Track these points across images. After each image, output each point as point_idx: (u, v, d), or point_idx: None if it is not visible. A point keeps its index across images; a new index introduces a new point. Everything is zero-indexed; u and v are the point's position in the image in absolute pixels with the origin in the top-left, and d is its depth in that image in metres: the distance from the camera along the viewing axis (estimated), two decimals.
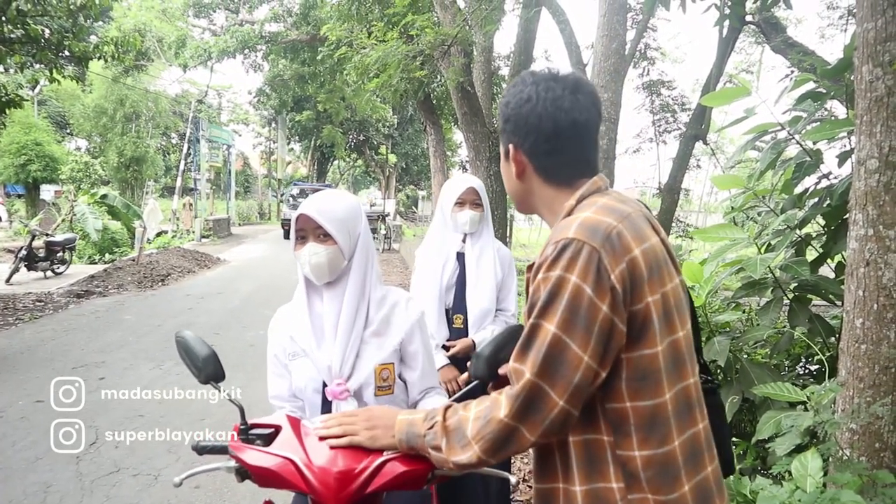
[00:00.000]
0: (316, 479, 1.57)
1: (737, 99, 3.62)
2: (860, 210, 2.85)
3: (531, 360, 1.36)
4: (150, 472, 4.44)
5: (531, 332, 1.38)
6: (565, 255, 1.36)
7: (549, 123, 1.51)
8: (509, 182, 1.62)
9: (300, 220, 2.01)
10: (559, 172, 1.55)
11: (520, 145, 1.55)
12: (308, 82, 25.64)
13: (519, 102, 1.54)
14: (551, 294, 1.36)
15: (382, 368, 2.06)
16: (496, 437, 1.39)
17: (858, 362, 2.86)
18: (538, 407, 1.36)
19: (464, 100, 9.65)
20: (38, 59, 9.30)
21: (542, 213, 1.61)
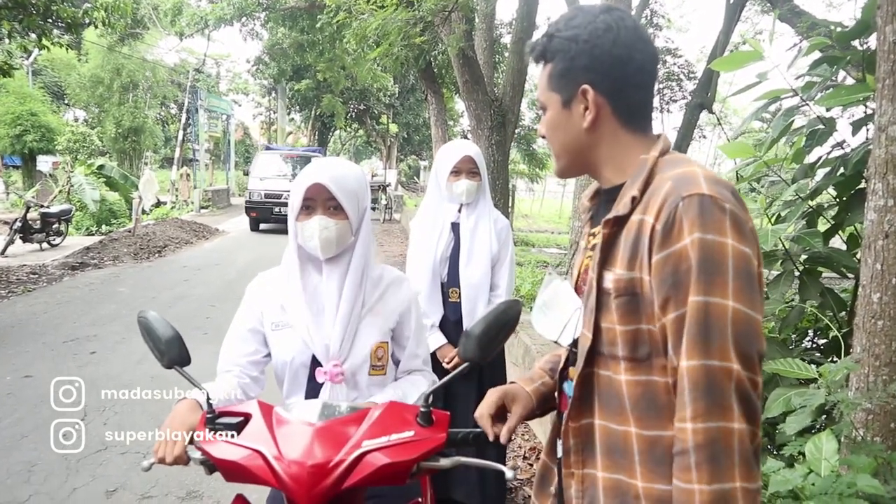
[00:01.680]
0: (286, 473, 1.42)
1: (748, 63, 3.44)
2: (880, 179, 2.69)
3: (722, 348, 1.17)
4: (139, 450, 4.34)
5: (704, 313, 1.17)
6: (709, 215, 1.19)
7: (636, 55, 1.33)
8: (570, 135, 1.40)
9: (312, 188, 1.86)
10: (639, 115, 1.38)
11: (599, 84, 1.34)
12: (307, 51, 25.26)
13: (595, 33, 1.33)
14: (709, 262, 1.18)
15: (378, 347, 1.96)
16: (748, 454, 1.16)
17: (875, 339, 2.72)
18: (752, 397, 1.18)
19: (465, 67, 9.43)
20: (26, 26, 9.05)
21: (604, 169, 1.41)
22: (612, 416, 1.33)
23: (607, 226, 1.32)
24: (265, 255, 13.38)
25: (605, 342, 1.33)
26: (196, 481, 3.95)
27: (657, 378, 1.27)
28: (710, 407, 1.15)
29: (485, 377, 3.25)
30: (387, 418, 1.53)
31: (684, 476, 1.17)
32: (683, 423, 1.17)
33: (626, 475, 1.31)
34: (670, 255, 1.20)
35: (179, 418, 1.64)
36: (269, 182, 18.17)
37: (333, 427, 1.52)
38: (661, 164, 1.32)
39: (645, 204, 1.27)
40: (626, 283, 1.27)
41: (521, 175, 28.02)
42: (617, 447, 1.33)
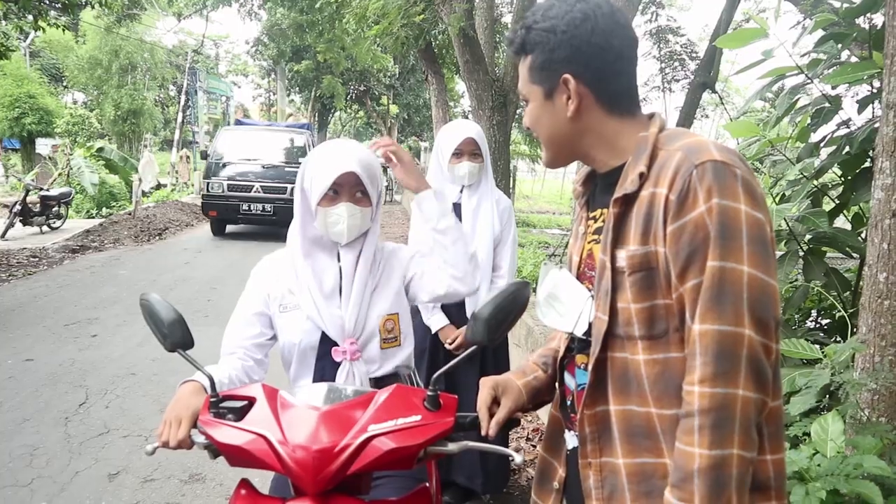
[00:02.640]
0: (291, 457, 1.40)
1: (753, 41, 3.40)
2: (887, 157, 2.66)
3: (736, 312, 1.16)
4: (141, 433, 4.34)
5: (719, 278, 1.17)
6: (722, 182, 1.19)
7: (615, 42, 1.32)
8: (554, 126, 1.40)
9: (343, 176, 1.88)
10: (623, 99, 1.36)
11: (580, 73, 1.33)
12: (307, 31, 25.12)
13: (572, 23, 1.32)
14: (725, 228, 1.18)
15: (387, 320, 1.98)
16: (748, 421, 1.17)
17: (881, 319, 2.70)
18: (764, 364, 1.18)
19: (466, 47, 9.33)
20: (22, 7, 8.97)
21: (596, 154, 1.40)
22: (630, 399, 1.32)
23: (616, 205, 1.30)
24: (266, 237, 13.36)
25: (621, 323, 1.31)
26: (198, 464, 3.94)
27: (675, 354, 1.26)
28: (719, 372, 1.15)
29: (487, 360, 3.23)
30: (393, 402, 1.51)
31: (686, 438, 1.18)
32: (692, 385, 1.18)
33: (652, 457, 1.30)
34: (687, 224, 1.20)
35: (183, 402, 1.63)
36: (235, 168, 13.55)
37: (339, 411, 1.50)
38: (663, 138, 1.31)
39: (655, 177, 1.26)
40: (641, 258, 1.27)
41: (522, 156, 27.91)
42: (639, 430, 1.31)
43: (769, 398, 1.19)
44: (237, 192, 13.23)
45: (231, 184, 13.27)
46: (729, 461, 1.14)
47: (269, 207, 13.10)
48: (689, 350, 1.20)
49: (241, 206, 13.14)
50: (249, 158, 13.75)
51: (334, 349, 1.93)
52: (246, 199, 13.17)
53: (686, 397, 1.19)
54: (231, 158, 13.76)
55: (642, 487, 1.31)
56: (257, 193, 13.16)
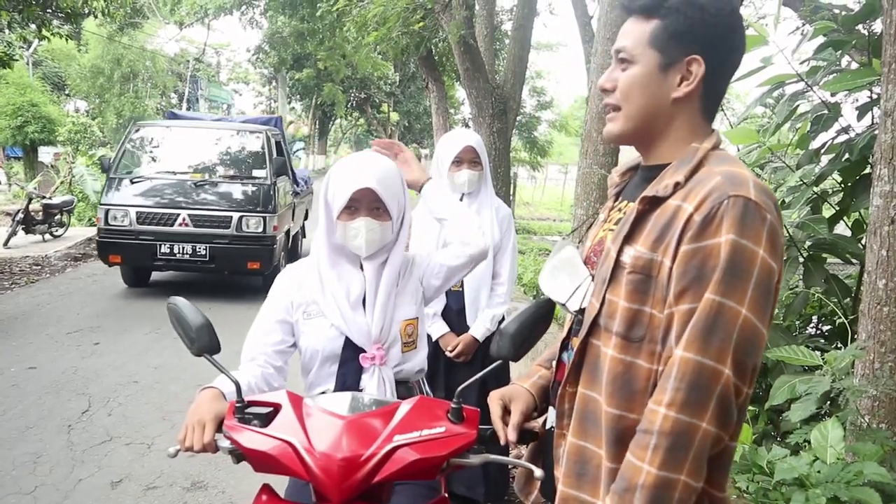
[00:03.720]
0: (317, 465, 1.41)
1: (752, 48, 3.41)
2: (885, 164, 2.67)
3: (721, 350, 1.18)
4: (144, 440, 4.34)
5: (715, 312, 1.19)
6: (749, 221, 1.19)
7: (742, 46, 1.33)
8: (654, 99, 1.34)
9: (359, 192, 1.90)
10: (718, 103, 1.37)
11: (709, 60, 1.30)
12: (307, 39, 25.13)
13: (721, 11, 1.30)
14: (737, 266, 1.19)
15: (407, 324, 2.03)
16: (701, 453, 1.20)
17: (880, 325, 2.71)
18: (732, 404, 1.21)
19: (466, 55, 9.38)
20: (25, 17, 9.02)
21: (659, 144, 1.39)
22: (591, 386, 1.37)
23: (643, 203, 1.32)
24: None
25: (605, 314, 1.35)
26: (201, 471, 3.95)
27: (642, 363, 1.29)
28: (689, 401, 1.18)
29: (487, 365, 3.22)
30: (417, 413, 1.53)
31: (639, 452, 1.21)
32: (658, 406, 1.20)
33: (593, 444, 1.35)
34: (701, 249, 1.21)
35: (205, 406, 1.64)
36: (150, 188, 8.79)
37: (364, 420, 1.52)
38: (712, 156, 1.32)
39: (687, 191, 1.27)
40: (645, 263, 1.28)
41: (522, 163, 27.93)
42: (590, 416, 1.36)
43: (727, 436, 1.21)
44: (152, 226, 8.42)
45: (142, 212, 8.47)
46: (675, 485, 1.17)
47: (204, 249, 8.34)
48: (665, 371, 1.22)
49: (159, 247, 8.37)
50: (175, 172, 8.94)
51: (362, 356, 1.96)
52: (166, 237, 8.37)
53: (649, 415, 1.21)
54: (146, 172, 9.00)
55: (577, 468, 1.37)
56: (184, 227, 8.38)
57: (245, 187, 8.74)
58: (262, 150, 9.24)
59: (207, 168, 9.16)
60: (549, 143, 27.45)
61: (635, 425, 1.26)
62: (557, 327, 4.83)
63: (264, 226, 8.42)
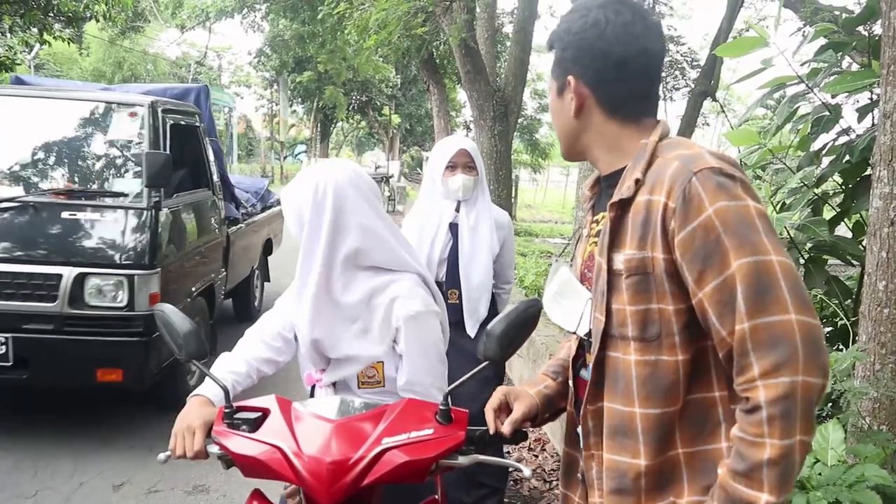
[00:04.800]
0: (306, 469, 1.42)
1: (753, 50, 3.41)
2: (885, 166, 2.67)
3: (779, 300, 1.17)
4: (146, 444, 4.34)
5: (755, 273, 1.19)
6: (723, 185, 1.23)
7: (618, 49, 1.36)
8: (563, 120, 1.46)
9: None
10: (625, 105, 1.40)
11: (582, 75, 1.40)
12: (308, 42, 25.21)
13: (583, 27, 1.38)
14: (741, 225, 1.21)
15: (368, 367, 1.87)
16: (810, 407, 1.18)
17: (881, 327, 2.71)
18: (818, 345, 1.18)
19: (467, 58, 9.40)
20: (27, 21, 9.04)
21: (598, 154, 1.46)
22: (616, 398, 1.37)
23: (613, 209, 1.34)
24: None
25: (616, 324, 1.35)
26: (202, 475, 3.95)
27: (665, 357, 1.30)
28: (780, 362, 1.16)
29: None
30: (406, 416, 1.53)
31: (754, 430, 1.18)
32: (751, 382, 1.18)
33: (628, 456, 1.35)
34: (696, 229, 1.22)
35: (194, 413, 1.64)
36: None
37: (352, 423, 1.53)
38: (661, 147, 1.35)
39: (650, 185, 1.30)
40: (638, 263, 1.30)
41: (523, 165, 27.96)
42: (621, 428, 1.36)
43: (826, 378, 1.19)
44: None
45: None
46: (794, 448, 1.16)
47: (2, 345, 4.13)
48: (738, 349, 1.20)
49: None
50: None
51: (306, 374, 1.93)
52: None
53: (748, 394, 1.19)
54: None
55: (614, 483, 1.36)
56: None
57: (94, 216, 4.43)
58: (140, 142, 4.78)
59: (26, 178, 4.71)
60: (550, 146, 27.49)
61: (674, 420, 1.30)
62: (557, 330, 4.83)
63: (130, 294, 4.21)
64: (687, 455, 1.31)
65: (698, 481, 1.30)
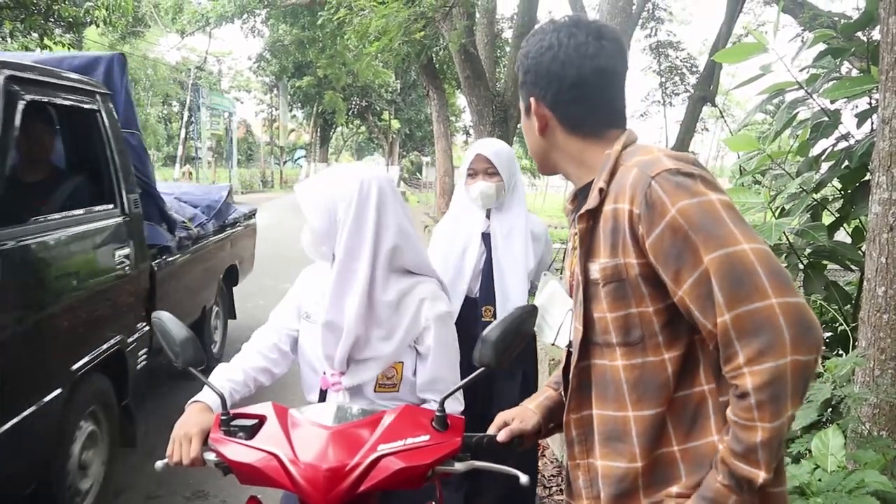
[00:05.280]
0: (302, 476, 1.42)
1: (751, 55, 3.43)
2: (884, 172, 2.68)
3: (757, 288, 1.18)
4: (146, 450, 4.33)
5: (727, 264, 1.20)
6: (681, 184, 1.25)
7: (572, 71, 1.40)
8: (531, 139, 1.52)
9: None
10: (585, 122, 1.43)
11: (541, 97, 1.44)
12: (308, 47, 25.31)
13: (539, 51, 1.44)
14: (705, 219, 1.22)
15: (388, 368, 1.91)
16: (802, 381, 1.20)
17: (880, 332, 2.71)
18: (806, 323, 1.19)
19: (466, 63, 9.43)
20: (27, 26, 9.07)
21: (567, 169, 1.50)
22: (607, 404, 1.38)
23: (583, 220, 1.38)
24: (268, 254, 13.34)
25: (599, 331, 1.38)
26: (202, 481, 3.94)
27: (652, 358, 1.32)
28: (763, 348, 1.17)
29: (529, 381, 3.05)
30: (402, 422, 1.54)
31: (745, 415, 1.20)
32: (738, 370, 1.20)
33: (624, 461, 1.35)
34: (663, 231, 1.24)
35: (192, 420, 1.65)
36: None
37: (348, 430, 1.53)
38: (624, 155, 1.37)
39: (614, 194, 1.32)
40: (612, 270, 1.33)
41: (523, 170, 28.00)
42: (614, 434, 1.37)
43: (818, 355, 1.20)
44: None
45: None
46: (785, 423, 1.20)
47: None
48: (722, 341, 1.22)
49: None
50: None
51: (322, 377, 1.92)
52: None
53: (736, 381, 1.21)
54: None
55: (614, 489, 1.37)
56: None
57: None
58: None
59: None
60: None
61: (665, 418, 1.33)
62: None
63: None
64: (682, 451, 1.33)
65: (697, 473, 1.31)
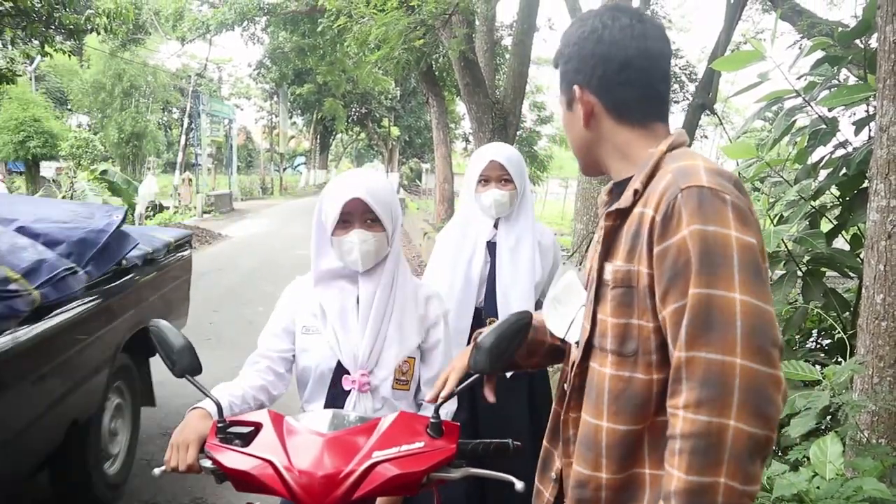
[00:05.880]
0: (297, 483, 1.43)
1: (749, 63, 3.44)
2: (882, 180, 2.68)
3: (725, 341, 1.13)
4: (143, 456, 4.32)
5: (705, 306, 1.15)
6: (708, 207, 1.18)
7: (618, 52, 1.35)
8: (575, 134, 1.46)
9: (349, 203, 1.89)
10: (633, 109, 1.38)
11: (586, 83, 1.39)
12: (308, 55, 25.29)
13: (581, 36, 1.39)
14: (711, 254, 1.16)
15: (404, 362, 1.97)
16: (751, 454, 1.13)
17: (879, 340, 2.72)
18: (765, 397, 1.13)
19: (466, 70, 9.44)
20: (28, 33, 9.10)
21: (611, 163, 1.44)
22: (589, 409, 1.36)
23: (609, 218, 1.34)
24: (268, 261, 13.38)
25: (598, 334, 1.35)
26: (200, 487, 3.94)
27: (640, 375, 1.29)
28: (703, 399, 1.13)
29: (536, 389, 2.97)
30: (397, 429, 1.54)
31: (669, 459, 1.18)
32: (676, 409, 1.17)
33: (588, 468, 1.34)
34: (669, 247, 1.20)
35: (190, 427, 1.65)
36: None
37: (344, 437, 1.54)
38: (666, 158, 1.32)
39: (646, 197, 1.28)
40: (624, 275, 1.29)
41: None
42: (585, 440, 1.36)
43: (771, 431, 1.13)
44: None
45: None
46: (712, 489, 1.12)
47: None
48: (672, 374, 1.19)
49: None
50: None
51: (344, 377, 1.93)
52: None
53: (671, 419, 1.19)
54: None
55: (576, 494, 1.36)
56: None
57: None
58: None
59: None
60: (549, 158, 27.57)
61: (642, 438, 1.29)
62: None
63: None
64: (652, 476, 1.29)
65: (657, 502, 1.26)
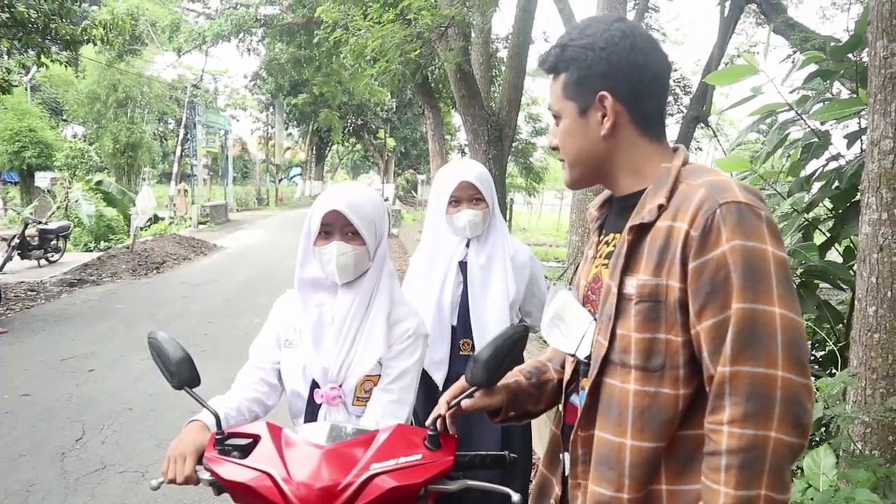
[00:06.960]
0: (295, 495, 1.43)
1: (743, 77, 3.47)
2: (873, 193, 2.71)
3: (769, 355, 1.16)
4: (138, 469, 4.32)
5: (750, 320, 1.17)
6: (748, 223, 1.20)
7: (651, 62, 1.33)
8: (585, 142, 1.38)
9: (329, 215, 1.89)
10: (656, 123, 1.38)
11: (616, 90, 1.33)
12: (304, 66, 25.31)
13: (611, 40, 1.33)
14: (754, 269, 1.18)
15: (366, 380, 1.94)
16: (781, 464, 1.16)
17: (871, 352, 2.73)
18: (803, 408, 1.17)
19: (462, 82, 9.46)
20: (24, 44, 9.10)
21: (620, 177, 1.40)
22: (607, 427, 1.33)
23: (631, 232, 1.31)
24: (263, 272, 13.36)
25: (618, 349, 1.32)
26: (195, 500, 3.93)
27: (666, 390, 1.27)
28: (750, 413, 1.15)
29: None
30: (395, 441, 1.55)
31: (713, 476, 1.18)
32: (720, 425, 1.17)
33: (611, 489, 1.31)
34: (708, 262, 1.20)
35: (188, 438, 1.66)
36: None
37: (342, 449, 1.54)
38: (685, 172, 1.32)
39: (674, 211, 1.27)
40: (651, 289, 1.27)
41: (518, 188, 28.06)
42: (605, 459, 1.33)
43: (805, 441, 1.17)
44: None
45: None
46: (755, 502, 1.14)
47: None
48: (714, 390, 1.20)
49: None
50: None
51: (315, 391, 1.94)
52: None
53: (713, 436, 1.19)
54: None
55: None
56: None
57: None
58: None
59: None
60: (544, 169, 27.60)
61: (664, 452, 1.27)
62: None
63: None
64: (670, 493, 1.29)
65: None
